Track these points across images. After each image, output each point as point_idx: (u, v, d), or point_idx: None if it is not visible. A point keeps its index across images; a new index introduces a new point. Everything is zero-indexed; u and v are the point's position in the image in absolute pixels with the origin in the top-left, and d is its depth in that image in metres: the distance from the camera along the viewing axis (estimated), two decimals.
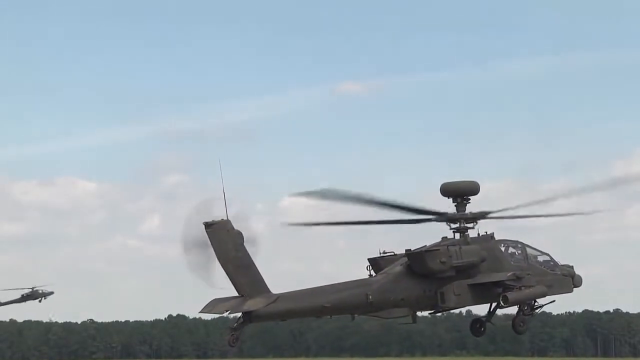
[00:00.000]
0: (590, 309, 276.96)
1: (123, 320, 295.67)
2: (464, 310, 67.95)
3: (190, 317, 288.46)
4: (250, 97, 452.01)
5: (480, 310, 59.14)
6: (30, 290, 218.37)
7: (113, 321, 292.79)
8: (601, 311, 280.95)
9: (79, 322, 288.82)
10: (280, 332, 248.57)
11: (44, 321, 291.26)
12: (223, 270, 51.31)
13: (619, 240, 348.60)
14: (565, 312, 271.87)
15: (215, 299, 51.98)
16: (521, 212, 55.29)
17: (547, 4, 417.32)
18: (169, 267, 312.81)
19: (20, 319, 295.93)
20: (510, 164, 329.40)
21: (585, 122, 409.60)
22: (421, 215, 55.06)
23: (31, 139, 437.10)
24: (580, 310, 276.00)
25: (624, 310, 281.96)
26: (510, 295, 54.41)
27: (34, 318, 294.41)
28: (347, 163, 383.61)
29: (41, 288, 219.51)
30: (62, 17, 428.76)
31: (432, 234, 56.71)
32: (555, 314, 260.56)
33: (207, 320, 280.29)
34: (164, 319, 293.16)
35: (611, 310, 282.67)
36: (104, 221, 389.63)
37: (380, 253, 55.73)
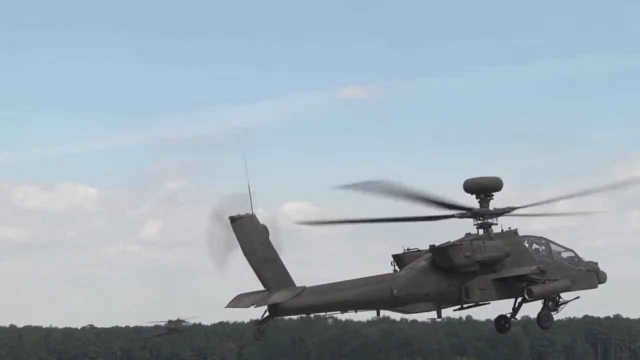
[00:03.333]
0: (590, 314, 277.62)
1: (123, 326, 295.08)
2: (463, 315, 67.90)
3: (190, 322, 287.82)
4: (251, 102, 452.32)
5: (480, 314, 59.13)
6: (176, 321, 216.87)
7: (113, 326, 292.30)
8: (601, 317, 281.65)
9: (79, 328, 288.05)
10: (280, 337, 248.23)
11: (44, 326, 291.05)
12: (249, 264, 51.47)
13: (620, 246, 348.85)
14: (566, 318, 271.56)
15: (240, 294, 52.05)
16: (545, 207, 55.34)
17: (549, 8, 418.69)
18: (169, 272, 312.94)
19: (20, 324, 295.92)
20: (510, 167, 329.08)
21: (585, 125, 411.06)
22: (450, 210, 54.76)
23: (32, 145, 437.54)
24: (580, 316, 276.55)
25: (624, 316, 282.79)
26: (535, 289, 54.57)
27: (33, 323, 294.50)
28: (348, 166, 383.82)
29: (186, 320, 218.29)
30: (63, 21, 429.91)
31: (454, 231, 56.94)
32: (555, 319, 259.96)
33: (207, 326, 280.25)
34: (164, 324, 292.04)
35: (611, 316, 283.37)
36: (104, 226, 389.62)
37: (404, 250, 55.82)
